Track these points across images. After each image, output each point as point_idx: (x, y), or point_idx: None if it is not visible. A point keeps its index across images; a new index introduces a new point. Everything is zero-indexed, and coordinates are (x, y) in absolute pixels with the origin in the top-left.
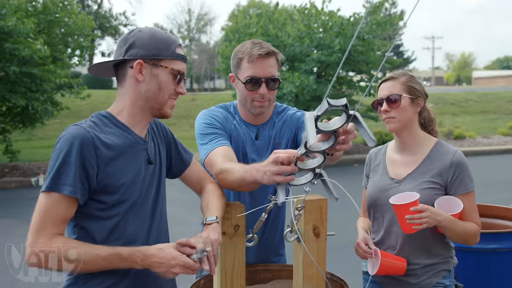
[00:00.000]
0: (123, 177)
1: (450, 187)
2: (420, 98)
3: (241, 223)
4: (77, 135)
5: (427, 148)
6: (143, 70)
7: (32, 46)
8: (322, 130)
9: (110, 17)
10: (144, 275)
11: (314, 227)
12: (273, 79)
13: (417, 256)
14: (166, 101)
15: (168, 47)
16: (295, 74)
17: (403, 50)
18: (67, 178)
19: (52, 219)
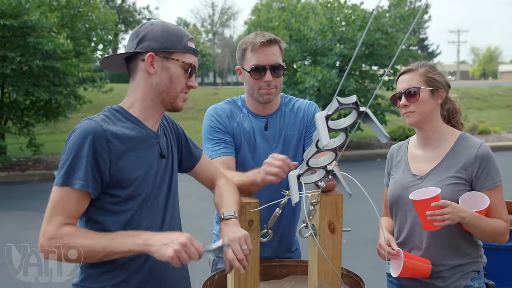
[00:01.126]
0: (136, 171)
1: (475, 182)
2: (441, 89)
3: (255, 218)
4: (89, 129)
5: (451, 142)
6: (154, 63)
7: (55, 40)
8: (333, 128)
9: (133, 11)
10: (156, 270)
11: (329, 222)
12: (278, 66)
13: (444, 256)
14: (178, 94)
15: (180, 40)
16: (317, 68)
17: (428, 44)
18: (79, 172)
19: (63, 210)
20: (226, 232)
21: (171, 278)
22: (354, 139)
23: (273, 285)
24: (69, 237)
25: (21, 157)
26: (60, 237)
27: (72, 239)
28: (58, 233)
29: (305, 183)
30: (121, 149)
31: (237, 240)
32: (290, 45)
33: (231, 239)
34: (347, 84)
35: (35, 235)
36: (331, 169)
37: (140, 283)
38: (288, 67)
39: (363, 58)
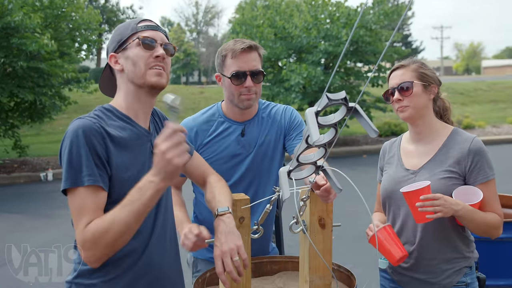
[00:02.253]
0: (130, 170)
1: (468, 176)
2: (433, 84)
3: (246, 215)
4: (82, 126)
5: (443, 137)
6: (118, 60)
7: (39, 41)
8: (322, 124)
9: (117, 11)
10: (151, 266)
11: (319, 218)
12: (258, 72)
13: (437, 250)
14: (144, 71)
15: (127, 28)
16: (303, 66)
17: (412, 40)
18: (84, 169)
19: (85, 211)
20: (220, 238)
21: (166, 274)
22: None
23: (264, 281)
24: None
25: (6, 159)
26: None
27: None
28: (85, 235)
29: (295, 179)
30: (116, 148)
31: (228, 253)
32: (275, 43)
33: (223, 251)
34: (332, 81)
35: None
36: (321, 164)
37: (134, 280)
38: (273, 65)
39: (348, 55)
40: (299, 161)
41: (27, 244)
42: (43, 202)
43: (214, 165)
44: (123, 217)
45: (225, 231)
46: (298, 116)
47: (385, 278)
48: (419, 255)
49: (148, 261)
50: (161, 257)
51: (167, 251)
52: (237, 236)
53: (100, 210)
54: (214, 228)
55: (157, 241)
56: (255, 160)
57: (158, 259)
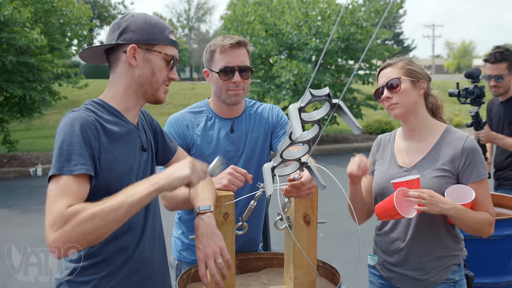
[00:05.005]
0: (121, 164)
1: (462, 175)
2: (422, 80)
3: (231, 212)
4: (77, 117)
5: (437, 135)
6: (136, 55)
7: (29, 36)
8: (306, 120)
9: (108, 6)
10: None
11: (304, 214)
12: (246, 68)
13: (427, 248)
14: (160, 86)
15: (162, 32)
16: (293, 63)
17: (403, 38)
18: (76, 158)
19: (68, 194)
20: (202, 240)
21: (156, 271)
22: (330, 133)
23: (250, 277)
24: (83, 211)
25: None
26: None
27: (86, 212)
28: (67, 213)
29: (279, 175)
30: (108, 141)
31: (212, 256)
32: (266, 40)
33: (207, 254)
34: (323, 78)
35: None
36: (305, 161)
37: (127, 276)
38: (264, 62)
39: (338, 52)
40: (283, 157)
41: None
42: (32, 197)
43: (207, 161)
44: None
45: (206, 233)
46: (284, 115)
47: (374, 275)
48: (409, 252)
49: (140, 257)
50: (152, 254)
51: (156, 248)
52: (219, 237)
53: (82, 200)
54: (195, 227)
55: (149, 238)
56: (248, 157)
57: (150, 256)
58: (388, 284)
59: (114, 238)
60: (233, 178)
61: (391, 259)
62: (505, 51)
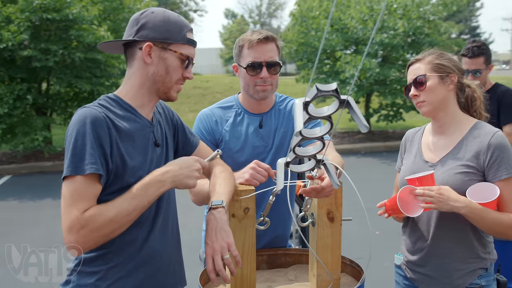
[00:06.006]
0: (134, 160)
1: (487, 171)
2: (451, 74)
3: (251, 206)
4: (88, 115)
5: (465, 130)
6: (152, 52)
7: (96, 33)
8: (314, 116)
9: (180, 2)
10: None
11: (328, 211)
12: (274, 63)
13: (449, 248)
14: (173, 85)
15: (180, 31)
16: (358, 58)
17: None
18: (87, 157)
19: (82, 197)
20: (211, 235)
21: (167, 265)
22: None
23: (277, 273)
24: (99, 216)
25: None
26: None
27: (102, 217)
28: (84, 219)
29: (295, 171)
30: (119, 137)
31: (219, 251)
32: (331, 34)
33: (214, 249)
34: (388, 73)
35: None
36: (321, 158)
37: (135, 268)
38: (329, 57)
39: (405, 47)
40: (296, 153)
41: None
42: None
43: (235, 157)
44: (128, 210)
45: (215, 228)
46: None
47: (399, 275)
48: (431, 252)
49: (150, 250)
50: (162, 247)
51: (168, 241)
52: (228, 233)
53: (95, 200)
54: (206, 222)
55: (159, 231)
56: (276, 153)
57: (160, 249)
58: (412, 285)
59: None
60: (255, 173)
61: (414, 258)
62: (482, 45)
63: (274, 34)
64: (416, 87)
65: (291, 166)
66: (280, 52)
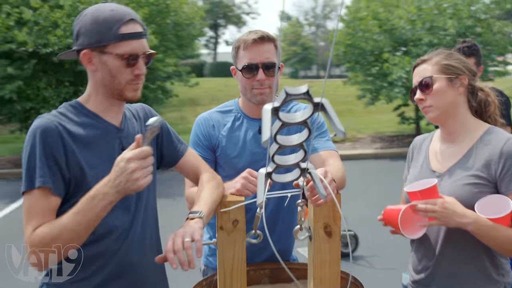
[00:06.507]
0: (94, 169)
1: (500, 183)
2: (462, 76)
3: (240, 218)
4: (39, 126)
5: (475, 136)
6: (92, 58)
7: None
8: (287, 122)
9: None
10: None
11: (325, 225)
12: (271, 65)
13: (457, 267)
14: (123, 86)
15: (110, 30)
16: (405, 59)
17: None
18: (37, 171)
19: (34, 214)
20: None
21: (146, 276)
22: None
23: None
24: (46, 235)
25: None
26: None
27: (49, 235)
28: (32, 239)
29: (280, 181)
30: (76, 146)
31: (181, 233)
32: (379, 36)
33: (176, 232)
34: None
35: None
36: (305, 167)
37: (105, 282)
38: (377, 58)
39: None
40: (275, 162)
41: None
42: None
43: (233, 163)
44: (73, 226)
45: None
46: (321, 116)
47: None
48: (436, 271)
49: (124, 262)
50: (141, 259)
51: (147, 253)
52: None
53: (50, 214)
54: None
55: (136, 242)
56: None
57: (138, 261)
58: None
59: (90, 243)
60: (247, 183)
61: (418, 277)
62: (473, 46)
63: (271, 34)
64: (422, 90)
65: (275, 176)
66: (279, 53)
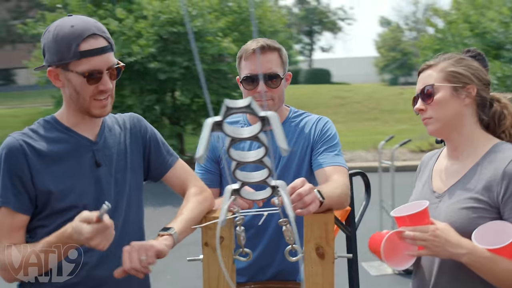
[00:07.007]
0: (62, 184)
1: (503, 208)
2: (469, 85)
3: (226, 235)
4: (5, 146)
5: (481, 153)
6: (59, 75)
7: (220, 45)
8: (233, 136)
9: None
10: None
11: (317, 246)
12: (273, 75)
13: None
14: (89, 103)
15: (69, 48)
16: (496, 64)
17: None
18: (3, 190)
19: (3, 232)
20: None
21: None
22: None
23: None
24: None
25: None
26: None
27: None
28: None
29: (251, 199)
30: (42, 163)
31: (136, 248)
32: (469, 39)
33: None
34: None
35: None
36: (275, 185)
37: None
38: None
39: None
40: (237, 178)
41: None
42: None
43: None
44: (35, 262)
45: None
46: (332, 129)
47: None
48: None
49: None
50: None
51: None
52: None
53: (16, 231)
54: None
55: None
56: (280, 174)
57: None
58: None
59: None
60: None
61: None
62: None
63: (274, 43)
64: (423, 99)
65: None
66: (285, 62)
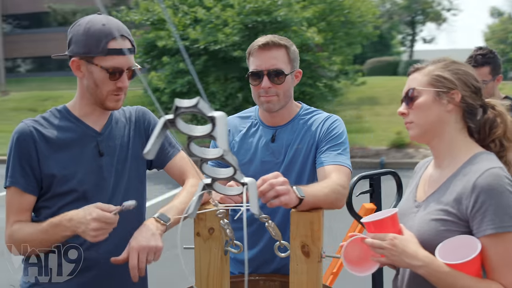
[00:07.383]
0: (66, 169)
1: (471, 222)
2: (453, 90)
3: (216, 227)
4: (17, 131)
5: (459, 163)
6: (81, 66)
7: (304, 35)
8: (191, 135)
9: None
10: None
11: (302, 244)
12: (277, 72)
13: None
14: (105, 96)
15: (98, 44)
16: None
17: None
18: (13, 171)
19: (11, 210)
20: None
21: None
22: None
23: None
24: (17, 233)
25: None
26: (12, 235)
27: (18, 234)
28: (10, 232)
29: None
30: (49, 149)
31: (146, 250)
32: None
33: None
34: None
35: None
36: (244, 182)
37: None
38: None
39: None
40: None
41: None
42: None
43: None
44: (37, 240)
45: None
46: (340, 127)
47: None
48: None
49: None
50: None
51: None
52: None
53: (25, 211)
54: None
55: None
56: (285, 171)
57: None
58: None
59: None
60: None
61: None
62: (488, 53)
63: (282, 39)
64: (407, 103)
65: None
66: (292, 58)
